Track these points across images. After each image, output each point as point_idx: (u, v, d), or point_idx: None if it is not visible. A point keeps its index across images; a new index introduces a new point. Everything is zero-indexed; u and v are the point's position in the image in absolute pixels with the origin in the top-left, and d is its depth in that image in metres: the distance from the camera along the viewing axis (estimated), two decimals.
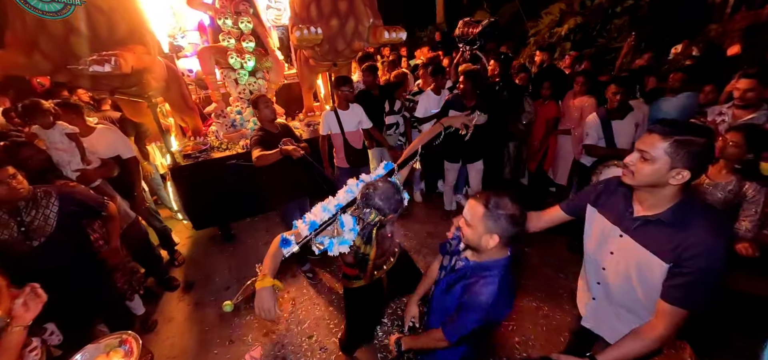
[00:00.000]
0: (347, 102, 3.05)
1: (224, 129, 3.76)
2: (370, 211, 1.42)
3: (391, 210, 1.43)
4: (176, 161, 3.38)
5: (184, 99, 3.41)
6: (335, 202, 1.58)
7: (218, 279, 3.32)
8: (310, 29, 2.42)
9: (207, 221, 3.66)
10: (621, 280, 1.29)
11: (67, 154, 2.43)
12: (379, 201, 1.41)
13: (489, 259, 1.24)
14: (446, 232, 1.57)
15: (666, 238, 1.10)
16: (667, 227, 1.10)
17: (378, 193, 1.42)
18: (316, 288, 3.07)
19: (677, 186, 1.06)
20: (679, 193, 1.09)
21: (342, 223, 1.50)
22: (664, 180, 1.06)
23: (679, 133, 1.02)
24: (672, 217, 1.10)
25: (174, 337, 2.74)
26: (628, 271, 1.25)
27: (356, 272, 1.80)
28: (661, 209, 1.12)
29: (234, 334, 2.71)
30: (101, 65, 1.90)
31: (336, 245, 1.50)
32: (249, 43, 3.69)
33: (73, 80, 2.27)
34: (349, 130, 3.10)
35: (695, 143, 1.00)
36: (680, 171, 1.03)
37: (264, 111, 2.60)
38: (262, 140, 2.55)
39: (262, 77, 3.95)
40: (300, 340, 2.60)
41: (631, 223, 1.21)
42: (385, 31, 2.77)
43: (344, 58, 3.15)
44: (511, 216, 1.13)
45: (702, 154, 1.01)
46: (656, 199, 1.13)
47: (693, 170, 1.02)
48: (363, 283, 1.84)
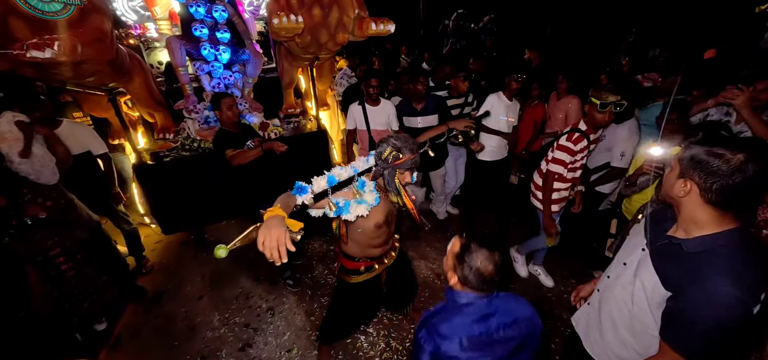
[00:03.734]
0: (375, 98, 2.90)
1: (197, 125, 3.49)
2: (386, 147, 1.43)
3: (408, 149, 1.42)
4: (142, 159, 3.10)
5: (151, 92, 3.12)
6: (351, 166, 1.57)
7: (190, 288, 3.08)
8: (290, 17, 2.23)
9: (177, 225, 3.38)
10: (618, 294, 1.25)
11: (6, 144, 2.16)
12: (395, 141, 1.44)
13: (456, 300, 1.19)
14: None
15: (682, 267, 1.00)
16: (687, 258, 0.99)
17: (393, 136, 1.47)
18: (297, 296, 2.88)
19: (705, 210, 0.96)
20: (716, 225, 0.96)
21: (362, 183, 1.46)
22: (675, 192, 1.00)
23: (701, 142, 0.96)
24: (696, 246, 0.98)
25: (139, 354, 2.49)
26: (629, 287, 1.18)
27: (358, 266, 1.75)
28: (690, 235, 1.01)
29: (206, 349, 2.50)
30: (41, 50, 1.63)
31: (353, 206, 1.42)
32: (224, 34, 3.43)
33: (16, 69, 1.98)
34: (375, 128, 2.94)
35: (709, 153, 0.91)
36: (687, 182, 0.96)
37: (227, 113, 2.47)
38: (226, 141, 2.43)
39: (239, 71, 3.70)
40: (279, 355, 2.41)
41: (657, 240, 1.12)
42: (372, 22, 2.60)
43: (327, 51, 2.95)
44: (478, 271, 1.10)
45: (716, 171, 0.89)
46: (687, 221, 1.02)
47: (704, 188, 0.93)
48: (363, 278, 1.77)
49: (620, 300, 1.23)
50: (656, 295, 1.07)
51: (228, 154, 2.38)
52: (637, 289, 1.14)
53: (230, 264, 3.26)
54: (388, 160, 1.42)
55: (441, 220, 3.71)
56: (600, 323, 1.34)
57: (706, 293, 0.92)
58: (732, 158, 0.88)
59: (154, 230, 3.64)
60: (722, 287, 0.90)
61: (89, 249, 2.49)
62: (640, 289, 1.13)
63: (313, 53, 3.00)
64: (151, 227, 3.73)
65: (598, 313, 1.37)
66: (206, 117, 3.53)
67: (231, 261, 3.30)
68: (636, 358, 1.23)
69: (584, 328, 1.47)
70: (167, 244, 3.63)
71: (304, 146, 3.48)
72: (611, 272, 1.34)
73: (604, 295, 1.35)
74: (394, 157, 1.41)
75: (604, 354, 1.35)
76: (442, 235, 3.52)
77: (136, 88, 2.96)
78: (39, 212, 2.06)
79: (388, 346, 2.41)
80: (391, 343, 2.43)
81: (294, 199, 1.30)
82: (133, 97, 3.07)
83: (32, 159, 2.24)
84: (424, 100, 2.88)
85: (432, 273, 3.04)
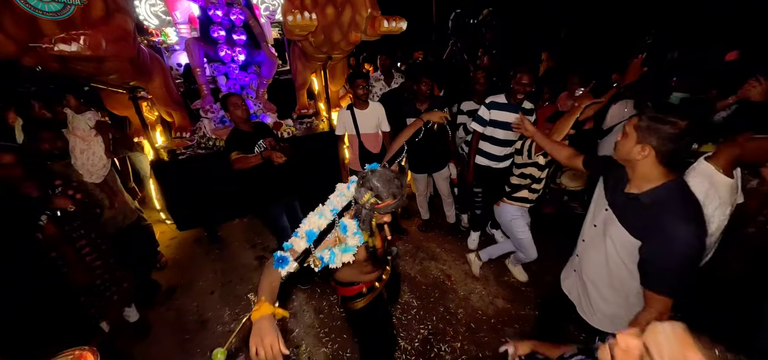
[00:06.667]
0: (364, 100, 2.75)
1: (213, 125, 3.58)
2: (365, 192, 1.27)
3: (389, 194, 1.27)
4: (160, 157, 3.19)
5: (170, 91, 3.22)
6: (330, 206, 1.39)
7: (202, 283, 3.11)
8: (303, 14, 2.26)
9: (191, 222, 3.45)
10: (593, 254, 1.39)
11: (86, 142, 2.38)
12: (377, 182, 1.26)
13: None
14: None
15: (642, 217, 1.17)
16: (646, 208, 1.17)
17: (376, 175, 1.28)
18: (307, 294, 2.88)
19: (657, 169, 1.15)
20: (663, 178, 1.16)
21: (343, 227, 1.31)
22: (634, 155, 1.16)
23: (654, 112, 1.13)
24: (652, 198, 1.16)
25: (151, 346, 2.53)
26: (602, 245, 1.33)
27: (358, 289, 1.61)
28: (643, 189, 1.19)
29: (216, 343, 2.50)
30: (68, 44, 1.71)
31: (338, 255, 1.29)
32: (240, 36, 3.53)
33: (43, 64, 2.08)
34: (365, 132, 2.82)
35: (663, 121, 1.09)
36: (644, 147, 1.13)
37: (235, 112, 2.43)
38: (237, 141, 2.41)
39: (254, 72, 3.79)
40: (288, 351, 2.40)
41: (618, 199, 1.29)
42: (384, 20, 2.62)
43: (340, 50, 2.98)
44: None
45: (669, 136, 1.08)
46: (639, 179, 1.20)
47: (659, 151, 1.12)
48: (366, 301, 1.65)
49: (596, 260, 1.37)
50: (626, 248, 1.21)
51: (231, 157, 2.39)
52: (609, 246, 1.29)
53: (241, 261, 3.29)
54: (365, 206, 1.30)
55: (451, 224, 3.63)
56: (585, 287, 1.48)
57: (669, 237, 1.09)
58: (681, 124, 1.06)
59: (170, 227, 3.72)
60: (682, 228, 1.08)
61: (117, 240, 2.54)
62: (611, 245, 1.28)
63: (326, 53, 3.04)
64: (167, 224, 3.81)
65: (580, 276, 1.50)
66: (222, 117, 3.61)
67: (242, 258, 3.35)
68: (621, 312, 1.36)
69: (576, 296, 1.57)
70: (182, 241, 3.70)
71: (317, 146, 3.53)
72: (585, 235, 1.48)
73: (583, 258, 1.49)
74: (373, 204, 1.28)
75: (595, 315, 1.46)
76: (452, 236, 3.48)
77: (155, 87, 3.07)
78: (68, 205, 2.07)
79: (396, 347, 2.37)
80: (401, 343, 2.39)
81: (277, 275, 1.21)
82: (153, 96, 3.17)
83: (93, 158, 2.41)
84: (427, 100, 2.86)
85: (442, 274, 2.99)
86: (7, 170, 1.88)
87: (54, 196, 2.05)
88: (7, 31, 1.84)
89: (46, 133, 2.24)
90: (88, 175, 2.45)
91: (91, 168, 2.46)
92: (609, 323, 1.42)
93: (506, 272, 2.97)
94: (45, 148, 2.20)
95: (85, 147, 2.42)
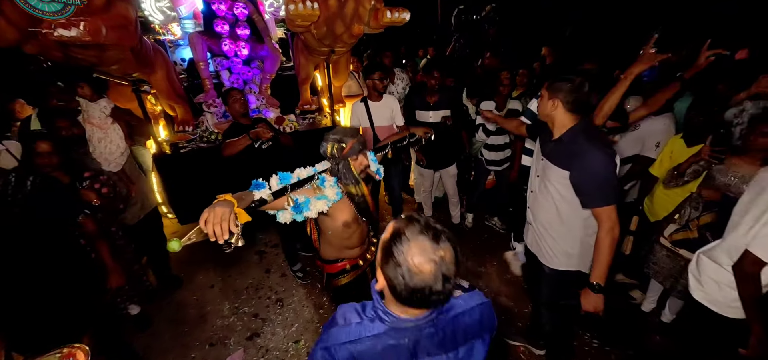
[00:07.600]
0: (379, 92, 2.73)
1: (215, 119, 3.57)
2: (326, 145, 1.45)
3: (348, 136, 1.45)
4: (162, 150, 3.17)
5: (172, 84, 3.21)
6: (312, 167, 1.55)
7: (202, 277, 3.10)
8: (305, 3, 2.24)
9: (193, 215, 3.43)
10: (541, 199, 1.62)
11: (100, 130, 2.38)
12: (333, 134, 1.47)
13: None
14: None
15: (565, 153, 1.46)
16: (566, 145, 1.47)
17: (330, 132, 1.49)
18: (307, 289, 2.84)
19: (567, 115, 1.46)
20: (573, 121, 1.46)
21: (322, 180, 1.44)
22: (549, 110, 1.49)
23: (555, 78, 1.47)
24: (568, 137, 1.46)
25: (149, 338, 2.51)
26: (545, 189, 1.57)
27: (342, 266, 1.68)
28: (562, 132, 1.48)
29: (215, 336, 2.49)
30: (67, 29, 1.70)
31: (313, 202, 1.38)
32: (243, 31, 3.52)
33: (44, 52, 2.07)
34: (379, 124, 2.80)
35: (563, 80, 1.44)
36: (554, 100, 1.46)
37: (233, 106, 2.51)
38: (234, 134, 2.45)
39: (257, 67, 3.78)
40: (286, 345, 2.37)
41: (547, 147, 1.57)
42: (387, 11, 2.59)
43: (343, 43, 2.95)
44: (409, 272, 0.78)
45: (569, 89, 1.42)
46: (558, 127, 1.50)
47: (564, 101, 1.44)
48: (350, 277, 1.71)
49: (545, 204, 1.60)
50: (562, 182, 1.48)
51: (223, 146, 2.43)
52: (551, 187, 1.54)
53: (242, 255, 3.27)
54: (335, 155, 1.43)
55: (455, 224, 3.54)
56: (540, 234, 1.68)
57: (586, 158, 1.39)
58: (576, 79, 1.42)
59: (172, 220, 3.71)
60: (598, 153, 1.37)
61: (134, 233, 2.52)
62: (551, 187, 1.53)
63: (329, 46, 3.01)
64: (169, 217, 3.80)
65: (535, 226, 1.70)
66: (224, 111, 3.60)
67: (243, 253, 3.32)
68: (575, 248, 1.58)
69: (536, 247, 1.75)
70: (183, 235, 3.68)
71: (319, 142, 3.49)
72: (532, 186, 1.73)
73: (533, 207, 1.72)
74: (339, 149, 1.43)
75: (556, 258, 1.65)
76: (455, 235, 3.42)
77: (158, 79, 3.06)
78: (93, 199, 2.04)
79: None
80: None
81: (251, 195, 1.25)
82: (156, 88, 3.17)
83: (111, 145, 2.40)
84: (437, 93, 2.83)
85: None
86: (47, 158, 1.87)
87: (81, 189, 2.02)
88: (8, 17, 1.83)
89: (62, 121, 2.22)
90: (106, 163, 2.42)
91: (108, 156, 2.44)
92: (566, 261, 1.63)
93: (509, 270, 2.91)
94: (62, 135, 2.18)
95: (102, 135, 2.39)
